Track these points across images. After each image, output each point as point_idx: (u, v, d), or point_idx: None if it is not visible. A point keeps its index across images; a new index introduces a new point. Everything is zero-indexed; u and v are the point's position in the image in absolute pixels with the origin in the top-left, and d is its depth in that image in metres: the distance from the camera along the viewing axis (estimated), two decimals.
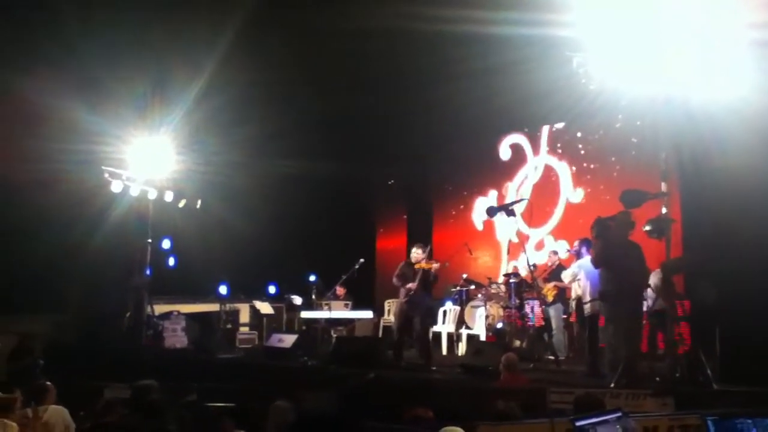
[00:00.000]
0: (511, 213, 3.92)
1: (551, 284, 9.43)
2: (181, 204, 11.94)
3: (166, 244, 12.24)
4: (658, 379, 6.75)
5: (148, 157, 11.25)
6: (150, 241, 11.44)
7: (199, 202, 12.12)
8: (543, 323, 9.34)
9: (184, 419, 6.00)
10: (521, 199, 4.24)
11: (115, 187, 10.83)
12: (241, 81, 10.50)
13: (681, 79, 7.11)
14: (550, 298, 9.41)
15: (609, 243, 7.23)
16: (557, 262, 9.82)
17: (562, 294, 9.61)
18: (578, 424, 3.34)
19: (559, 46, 8.13)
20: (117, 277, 11.19)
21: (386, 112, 12.34)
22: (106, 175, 10.75)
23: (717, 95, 6.88)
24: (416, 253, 9.04)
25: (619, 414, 3.55)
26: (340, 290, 11.81)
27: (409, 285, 8.86)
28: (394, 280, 9.13)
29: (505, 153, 13.40)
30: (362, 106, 11.97)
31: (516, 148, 13.25)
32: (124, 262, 11.30)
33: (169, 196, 11.63)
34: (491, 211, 3.89)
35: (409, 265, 9.05)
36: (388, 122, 12.87)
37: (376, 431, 4.88)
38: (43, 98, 9.55)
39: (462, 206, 14.14)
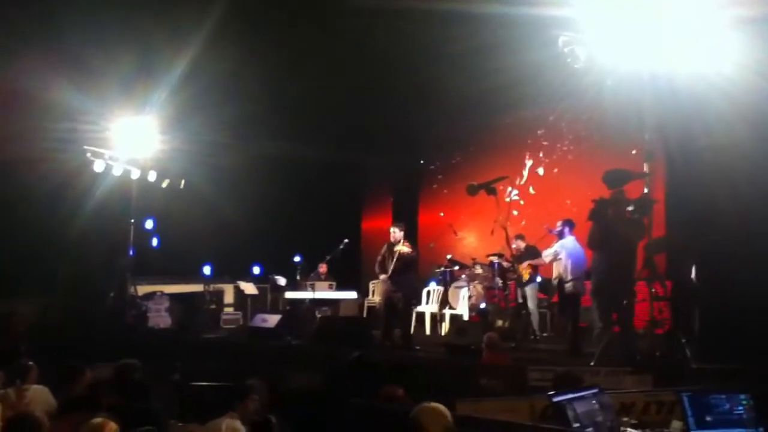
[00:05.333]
0: (491, 191, 3.92)
1: (525, 264, 9.55)
2: (165, 184, 11.86)
3: (149, 224, 12.18)
4: (638, 357, 6.83)
5: (131, 137, 11.14)
6: (133, 221, 11.37)
7: (183, 182, 12.04)
8: (521, 301, 9.49)
9: (169, 398, 6.03)
10: (502, 177, 4.25)
11: (98, 166, 10.73)
12: (227, 61, 10.38)
13: (665, 58, 7.12)
14: (525, 277, 9.53)
15: (605, 224, 7.25)
16: (523, 246, 9.92)
17: (535, 272, 9.85)
18: (555, 400, 3.38)
19: (546, 25, 8.10)
20: (100, 257, 11.12)
21: (373, 93, 12.25)
22: (89, 155, 10.64)
23: (701, 75, 6.90)
24: (393, 233, 9.20)
25: (595, 390, 3.60)
26: (322, 267, 11.83)
27: (382, 276, 9.13)
28: (376, 267, 9.38)
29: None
30: (349, 88, 11.88)
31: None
32: (107, 243, 11.23)
33: (152, 176, 11.54)
34: (471, 190, 3.89)
35: (389, 247, 9.20)
36: (374, 104, 12.79)
37: (361, 409, 4.91)
38: (24, 76, 9.41)
39: (448, 188, 14.15)
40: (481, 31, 9.05)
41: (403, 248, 8.98)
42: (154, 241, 12.41)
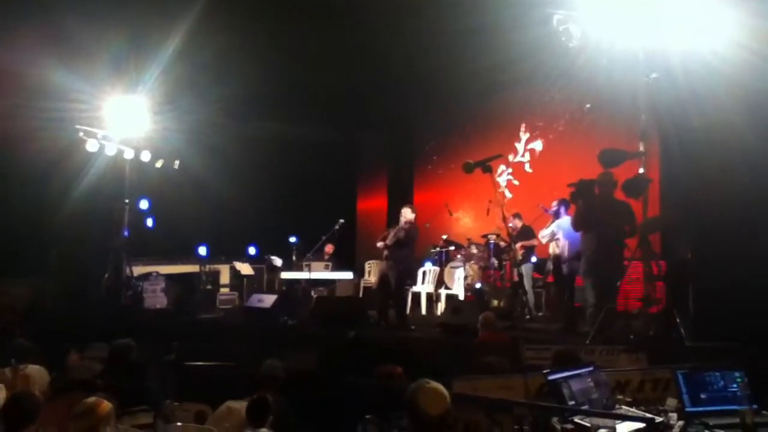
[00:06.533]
0: (487, 169, 3.89)
1: (518, 245, 9.64)
2: (159, 164, 11.79)
3: (144, 204, 12.12)
4: (632, 336, 6.85)
5: (124, 116, 11.05)
6: (127, 201, 11.31)
7: (177, 162, 11.97)
8: (516, 279, 9.57)
9: (165, 378, 6.03)
10: (498, 155, 4.23)
11: (91, 146, 10.64)
12: (220, 40, 10.28)
13: (659, 36, 7.07)
14: (518, 258, 9.62)
15: (591, 205, 7.26)
16: (519, 226, 10.01)
17: (530, 253, 9.91)
18: (551, 377, 3.39)
19: (540, 4, 8.02)
20: (94, 237, 11.09)
21: (367, 73, 12.17)
22: (81, 134, 10.54)
23: (695, 53, 6.86)
24: (405, 213, 9.10)
25: (591, 368, 3.61)
26: (328, 248, 11.83)
27: (379, 244, 9.13)
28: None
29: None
30: (343, 68, 11.80)
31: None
32: (101, 223, 11.19)
33: (146, 156, 11.47)
34: (467, 167, 3.85)
35: (396, 226, 9.19)
36: (369, 83, 12.72)
37: (357, 387, 4.93)
38: (14, 54, 9.29)
39: (443, 168, 14.12)
40: (476, 9, 8.98)
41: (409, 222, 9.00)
42: (149, 222, 12.37)
